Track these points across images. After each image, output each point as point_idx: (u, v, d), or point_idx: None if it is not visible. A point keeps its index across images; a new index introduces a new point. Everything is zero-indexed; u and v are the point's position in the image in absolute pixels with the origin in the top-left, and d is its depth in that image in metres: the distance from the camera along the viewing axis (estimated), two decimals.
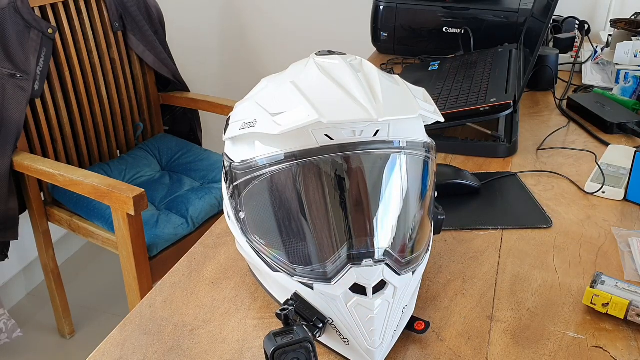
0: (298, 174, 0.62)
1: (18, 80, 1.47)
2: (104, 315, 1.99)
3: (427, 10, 1.56)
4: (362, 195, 0.63)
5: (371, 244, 0.63)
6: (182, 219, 1.57)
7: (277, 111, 0.61)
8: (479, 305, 0.73)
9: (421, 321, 0.67)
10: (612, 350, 0.66)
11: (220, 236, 0.87)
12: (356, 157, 0.62)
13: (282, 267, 0.65)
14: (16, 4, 1.45)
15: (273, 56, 2.28)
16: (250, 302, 0.74)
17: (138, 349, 0.67)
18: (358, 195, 0.63)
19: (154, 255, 1.48)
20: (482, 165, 1.06)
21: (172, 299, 0.75)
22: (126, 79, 1.83)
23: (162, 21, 1.93)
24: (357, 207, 0.63)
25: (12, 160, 1.49)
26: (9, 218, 1.53)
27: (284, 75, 0.69)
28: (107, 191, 1.35)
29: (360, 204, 0.63)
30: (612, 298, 0.69)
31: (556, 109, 1.31)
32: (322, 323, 0.62)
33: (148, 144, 1.89)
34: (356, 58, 0.68)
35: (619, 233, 0.86)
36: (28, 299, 2.07)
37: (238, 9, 2.26)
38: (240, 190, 0.66)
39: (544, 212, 0.92)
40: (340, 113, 0.59)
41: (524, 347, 0.67)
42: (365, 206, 0.63)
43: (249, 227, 0.68)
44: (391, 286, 0.62)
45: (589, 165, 1.06)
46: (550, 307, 0.73)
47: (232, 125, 0.68)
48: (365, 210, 0.63)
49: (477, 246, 0.84)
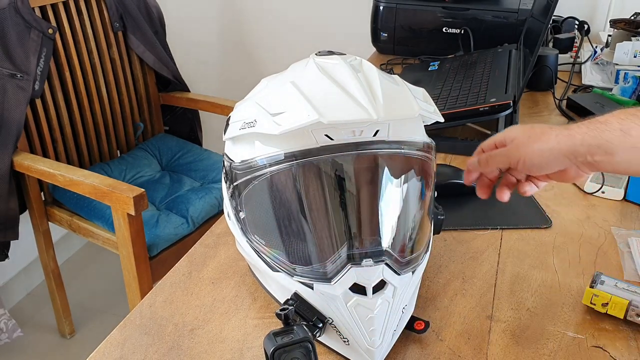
0: (298, 174, 0.62)
1: (18, 80, 1.47)
2: (104, 315, 1.99)
3: (427, 10, 1.56)
4: (362, 195, 0.63)
5: (371, 244, 0.63)
6: (182, 219, 1.57)
7: (277, 111, 0.61)
8: (478, 305, 0.73)
9: (421, 321, 0.67)
10: (612, 350, 0.67)
11: (220, 236, 0.87)
12: (356, 157, 0.62)
13: (282, 267, 0.65)
14: (16, 4, 1.45)
15: (273, 56, 2.28)
16: (250, 302, 0.74)
17: (138, 348, 0.67)
18: (358, 195, 0.63)
19: (154, 255, 1.48)
20: None
21: (172, 299, 0.75)
22: (126, 79, 1.83)
23: (162, 21, 1.93)
24: (356, 207, 0.63)
25: (12, 160, 1.49)
26: (9, 218, 1.53)
27: (284, 76, 0.69)
28: (107, 191, 1.35)
29: (359, 204, 0.63)
30: (612, 298, 0.69)
31: (556, 109, 1.31)
32: (322, 323, 0.62)
33: (148, 144, 1.89)
34: (356, 58, 0.68)
35: (618, 233, 0.86)
36: (28, 299, 2.07)
37: (238, 9, 2.26)
38: (240, 190, 0.66)
39: (544, 212, 0.92)
40: (340, 113, 0.59)
41: (523, 346, 0.67)
42: (364, 206, 0.63)
43: (249, 227, 0.68)
44: (391, 286, 0.62)
45: None
46: (550, 307, 0.73)
47: (232, 125, 0.68)
48: (364, 210, 0.63)
49: (477, 246, 0.85)
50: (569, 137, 0.62)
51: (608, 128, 0.60)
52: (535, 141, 0.64)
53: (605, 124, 0.60)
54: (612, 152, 0.59)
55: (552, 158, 0.63)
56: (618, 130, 0.59)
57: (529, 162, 0.64)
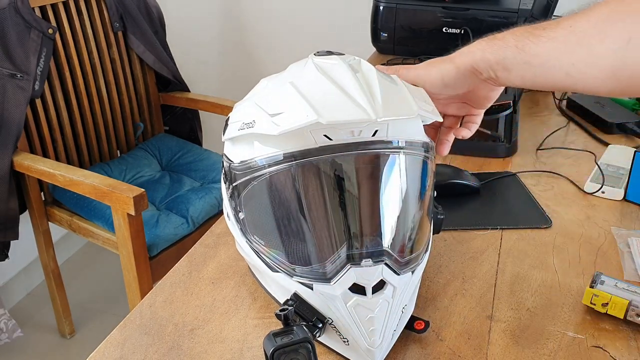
0: (297, 174, 0.62)
1: (18, 80, 1.47)
2: (104, 315, 1.99)
3: (427, 10, 1.56)
4: (361, 195, 0.63)
5: (370, 244, 0.63)
6: (182, 219, 1.57)
7: (275, 112, 0.61)
8: (478, 305, 0.73)
9: (421, 321, 0.67)
10: (612, 350, 0.66)
11: (220, 236, 0.87)
12: (355, 158, 0.62)
13: (282, 267, 0.65)
14: (16, 4, 1.45)
15: (273, 56, 2.28)
16: (250, 302, 0.74)
17: (138, 348, 0.67)
18: (357, 196, 0.63)
19: (154, 255, 1.49)
20: (482, 165, 1.07)
21: (172, 299, 0.75)
22: (126, 79, 1.83)
23: (162, 21, 1.93)
24: (355, 207, 0.63)
25: (12, 160, 1.49)
26: (9, 218, 1.53)
27: (283, 76, 0.69)
28: (107, 191, 1.35)
29: (359, 204, 0.63)
30: (612, 298, 0.69)
31: (556, 109, 1.31)
32: (322, 323, 0.62)
33: (148, 144, 1.89)
34: (355, 58, 0.68)
35: (618, 233, 0.86)
36: (28, 299, 2.07)
37: (238, 9, 2.26)
38: (239, 191, 0.66)
39: (544, 212, 0.92)
40: (339, 113, 0.59)
41: (523, 346, 0.67)
42: (364, 206, 0.63)
43: (249, 227, 0.68)
44: (390, 286, 0.62)
45: (588, 165, 1.06)
46: (550, 307, 0.73)
47: (231, 125, 0.68)
48: (364, 210, 0.63)
49: (477, 246, 0.85)
50: (468, 54, 0.65)
51: (505, 44, 0.62)
52: (435, 66, 0.68)
53: (502, 40, 0.62)
54: (509, 68, 0.62)
55: (455, 76, 0.66)
56: (513, 47, 0.61)
57: (434, 85, 0.67)
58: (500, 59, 0.62)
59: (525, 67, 0.61)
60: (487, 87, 0.68)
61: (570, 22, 0.58)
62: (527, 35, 0.60)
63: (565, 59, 0.57)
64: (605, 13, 0.55)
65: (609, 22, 0.54)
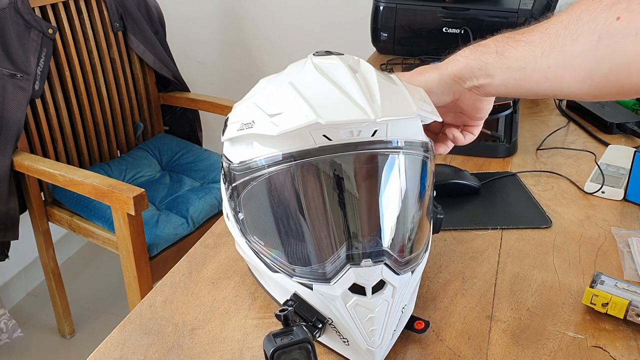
0: (296, 174, 0.62)
1: (18, 80, 1.47)
2: (104, 315, 1.99)
3: (427, 10, 1.56)
4: (361, 195, 0.63)
5: (370, 244, 0.63)
6: (182, 219, 1.57)
7: (275, 112, 0.61)
8: (478, 305, 0.73)
9: (421, 321, 0.67)
10: (612, 350, 0.66)
11: (220, 236, 0.87)
12: (354, 158, 0.62)
13: (281, 267, 0.65)
14: (16, 4, 1.45)
15: (273, 56, 2.28)
16: (250, 302, 0.74)
17: (138, 348, 0.67)
18: (356, 196, 0.63)
19: (154, 255, 1.49)
20: (482, 165, 1.07)
21: (172, 299, 0.75)
22: (126, 79, 1.83)
23: (162, 21, 1.93)
24: (355, 207, 0.63)
25: (12, 160, 1.49)
26: (9, 218, 1.53)
27: (282, 76, 0.69)
28: (108, 191, 1.35)
29: (358, 204, 0.63)
30: (612, 298, 0.69)
31: (556, 109, 1.31)
32: (322, 323, 0.62)
33: (148, 144, 1.89)
34: (354, 58, 0.68)
35: (618, 233, 0.86)
36: (28, 299, 2.08)
37: (238, 9, 2.26)
38: (239, 191, 0.66)
39: (544, 212, 0.92)
40: (338, 113, 0.59)
41: (523, 346, 0.67)
42: (363, 206, 0.63)
43: (248, 227, 0.68)
44: (390, 286, 0.62)
45: (588, 165, 1.06)
46: (550, 307, 0.73)
47: (230, 126, 0.68)
48: (363, 210, 0.63)
49: (477, 246, 0.84)
50: (453, 62, 0.65)
51: (487, 50, 0.62)
52: (421, 74, 0.69)
53: (484, 46, 0.62)
54: (492, 74, 0.62)
55: (438, 84, 0.67)
56: (494, 52, 0.61)
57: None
58: (483, 65, 0.62)
59: (507, 72, 0.60)
60: (473, 96, 0.68)
61: (546, 25, 0.57)
62: (508, 40, 0.60)
63: (542, 62, 0.57)
64: (577, 13, 0.54)
65: (580, 21, 0.53)
